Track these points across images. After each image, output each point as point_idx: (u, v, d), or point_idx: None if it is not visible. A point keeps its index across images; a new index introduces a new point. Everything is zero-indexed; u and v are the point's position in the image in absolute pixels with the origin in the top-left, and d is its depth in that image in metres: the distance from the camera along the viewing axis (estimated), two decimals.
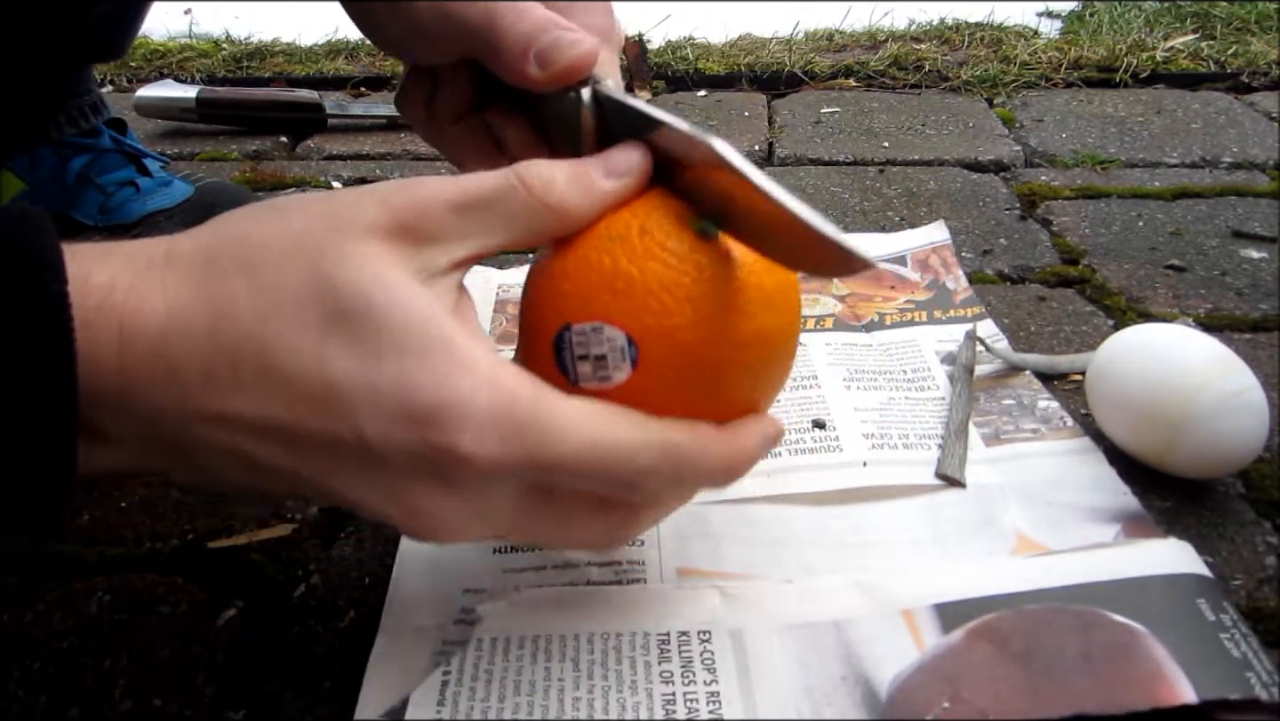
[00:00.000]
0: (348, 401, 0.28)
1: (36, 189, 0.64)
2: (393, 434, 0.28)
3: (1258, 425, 0.44)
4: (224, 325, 0.29)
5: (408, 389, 0.28)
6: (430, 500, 0.30)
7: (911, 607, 0.38)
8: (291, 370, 0.29)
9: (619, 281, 0.31)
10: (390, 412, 0.28)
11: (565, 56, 0.36)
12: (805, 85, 1.13)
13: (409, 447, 0.28)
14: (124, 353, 0.28)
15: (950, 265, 0.67)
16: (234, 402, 0.29)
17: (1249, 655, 0.35)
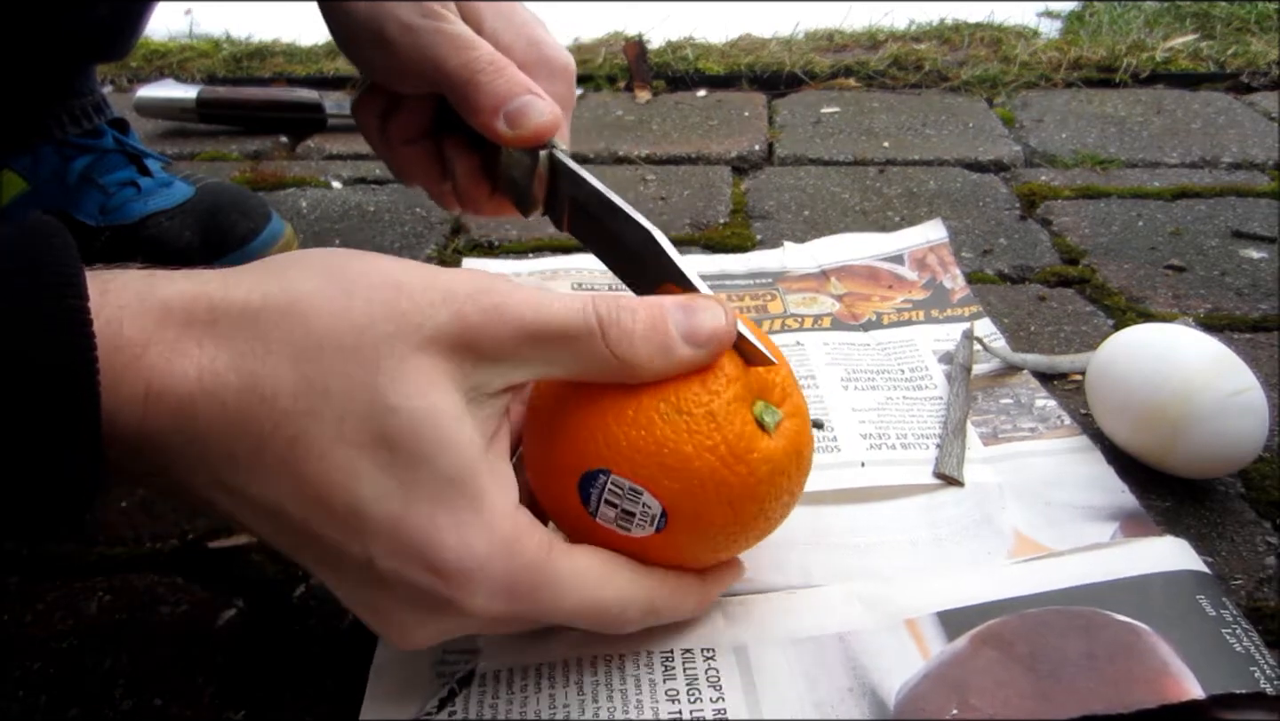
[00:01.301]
0: (370, 529, 0.29)
1: (38, 188, 0.64)
2: (404, 572, 0.29)
3: (1258, 425, 0.44)
4: (258, 409, 0.28)
5: (432, 540, 0.29)
6: (413, 624, 0.31)
7: (915, 616, 0.38)
8: (318, 477, 0.28)
9: (673, 459, 0.32)
10: (408, 555, 0.29)
11: (533, 123, 0.41)
12: (805, 85, 1.13)
13: (416, 586, 0.29)
14: (147, 414, 0.27)
15: (948, 264, 0.67)
16: (250, 484, 0.29)
17: (1252, 650, 0.35)
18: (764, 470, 0.33)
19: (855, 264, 0.68)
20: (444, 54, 0.42)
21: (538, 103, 0.41)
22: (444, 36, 0.42)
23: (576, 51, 1.23)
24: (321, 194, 0.86)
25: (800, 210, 0.80)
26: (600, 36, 1.27)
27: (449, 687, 0.35)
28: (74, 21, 0.58)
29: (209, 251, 0.63)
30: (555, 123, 0.41)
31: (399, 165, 0.50)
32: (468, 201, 0.48)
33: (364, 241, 0.76)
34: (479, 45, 0.42)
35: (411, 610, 0.30)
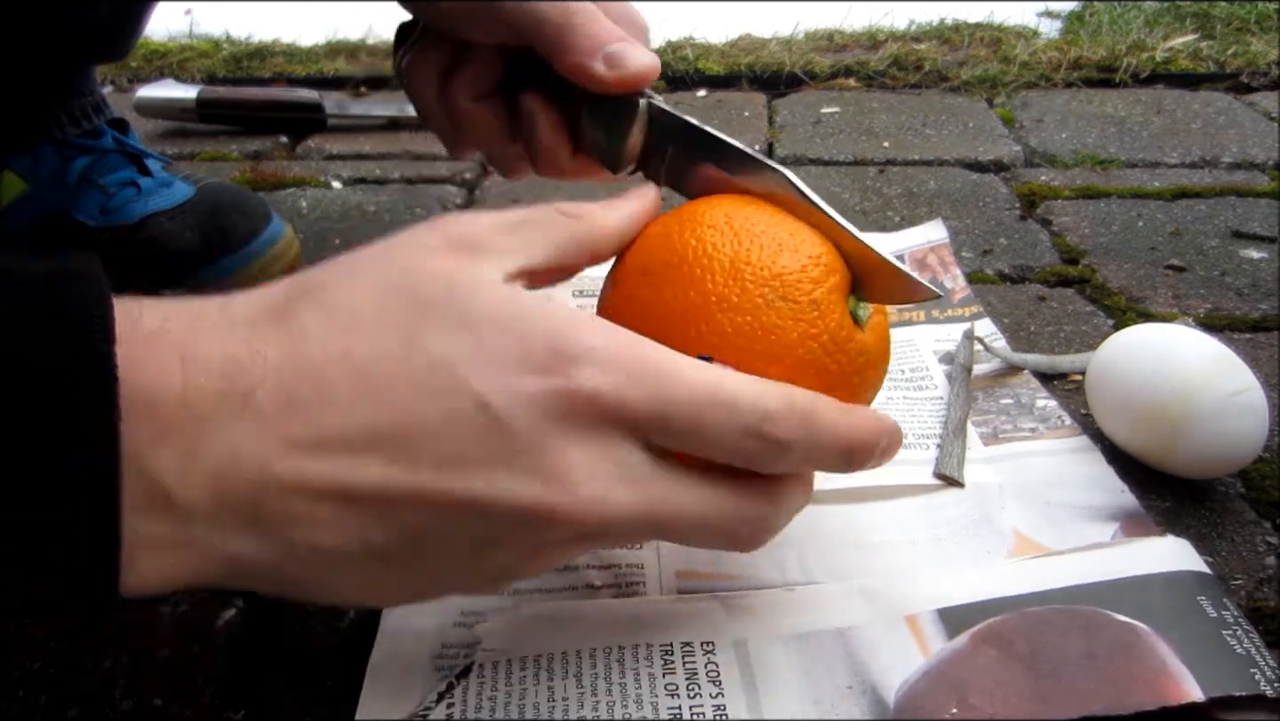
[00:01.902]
0: (461, 372, 0.27)
1: (38, 189, 0.64)
2: (515, 387, 0.27)
3: (1258, 425, 0.44)
4: (299, 347, 0.26)
5: (520, 343, 0.28)
6: (561, 456, 0.27)
7: (915, 613, 0.38)
8: (389, 366, 0.27)
9: (778, 346, 0.32)
10: (509, 367, 0.27)
11: (634, 64, 0.39)
12: (805, 85, 1.13)
13: (533, 399, 0.27)
14: (189, 382, 0.25)
15: (948, 264, 0.67)
16: (326, 423, 0.26)
17: (1252, 651, 0.35)
18: (860, 361, 0.34)
19: None
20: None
21: (634, 48, 0.40)
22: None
23: None
24: (321, 194, 0.86)
25: None
26: None
27: (447, 681, 0.36)
28: (74, 21, 0.58)
29: (209, 251, 0.64)
30: (656, 67, 0.40)
31: (461, 128, 0.47)
32: (547, 162, 0.45)
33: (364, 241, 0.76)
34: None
35: (551, 436, 0.27)
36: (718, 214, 0.34)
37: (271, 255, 0.66)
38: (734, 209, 0.35)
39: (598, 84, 0.39)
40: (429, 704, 0.35)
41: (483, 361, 0.27)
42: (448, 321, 0.28)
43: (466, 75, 0.46)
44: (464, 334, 0.27)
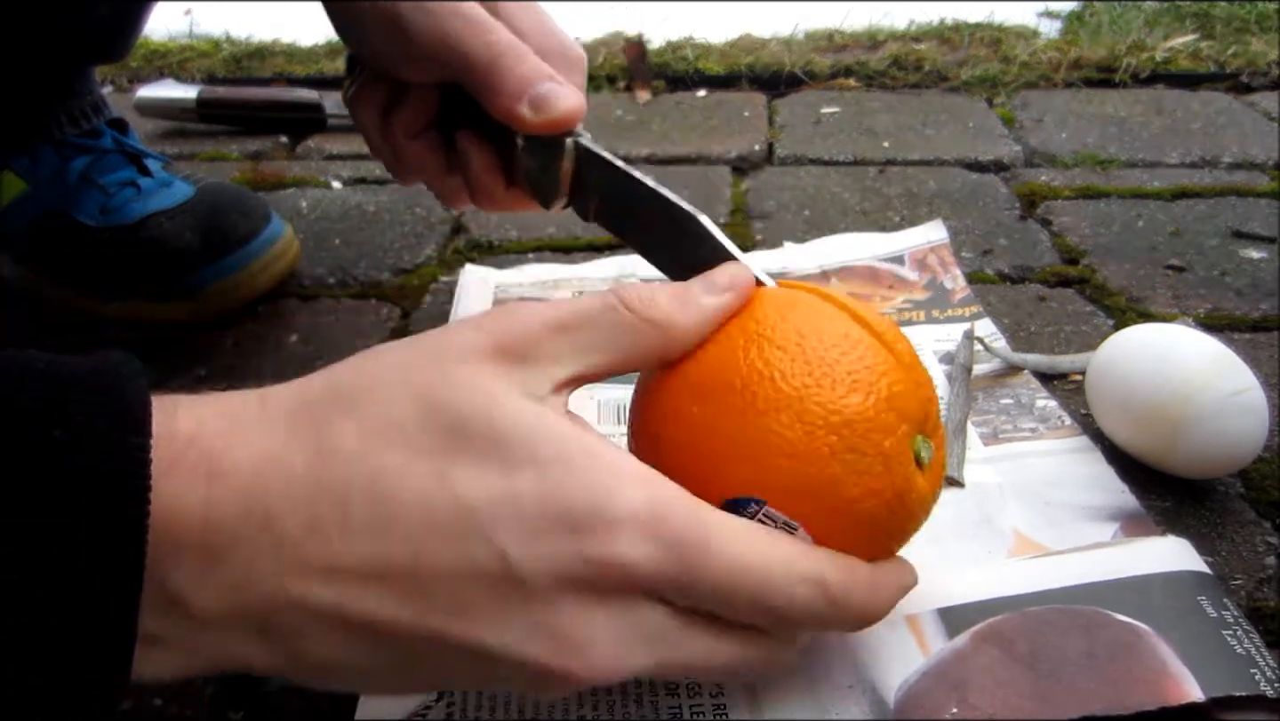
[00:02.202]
0: (486, 520, 0.26)
1: (37, 189, 0.64)
2: (539, 547, 0.26)
3: (1258, 425, 0.44)
4: (329, 464, 0.26)
5: (555, 495, 0.26)
6: (578, 621, 0.26)
7: (915, 613, 0.38)
8: (413, 500, 0.26)
9: (838, 501, 0.30)
10: (537, 524, 0.26)
11: (558, 107, 0.40)
12: (805, 85, 1.13)
13: (558, 561, 0.26)
14: (211, 499, 0.25)
15: (948, 264, 0.67)
16: (343, 551, 0.25)
17: (1252, 651, 0.35)
18: (918, 510, 0.32)
19: (856, 264, 0.68)
20: (464, 37, 0.40)
21: (561, 88, 0.40)
22: (463, 19, 0.41)
23: None
24: (321, 194, 0.86)
25: (800, 210, 0.80)
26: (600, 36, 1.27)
27: None
28: (73, 22, 0.58)
29: (209, 251, 0.64)
30: (580, 109, 0.40)
31: (401, 161, 0.48)
32: (482, 196, 0.46)
33: (364, 241, 0.76)
34: (499, 29, 0.41)
35: (569, 601, 0.26)
36: (789, 330, 0.31)
37: (271, 255, 0.66)
38: (806, 324, 0.31)
39: (523, 126, 0.40)
40: (429, 703, 0.35)
41: (510, 512, 0.26)
42: (482, 458, 0.26)
43: (404, 113, 0.46)
44: (496, 476, 0.26)
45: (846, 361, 0.30)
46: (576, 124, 0.40)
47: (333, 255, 0.74)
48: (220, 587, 0.25)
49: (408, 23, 0.41)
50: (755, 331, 0.31)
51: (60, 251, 0.64)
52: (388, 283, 0.70)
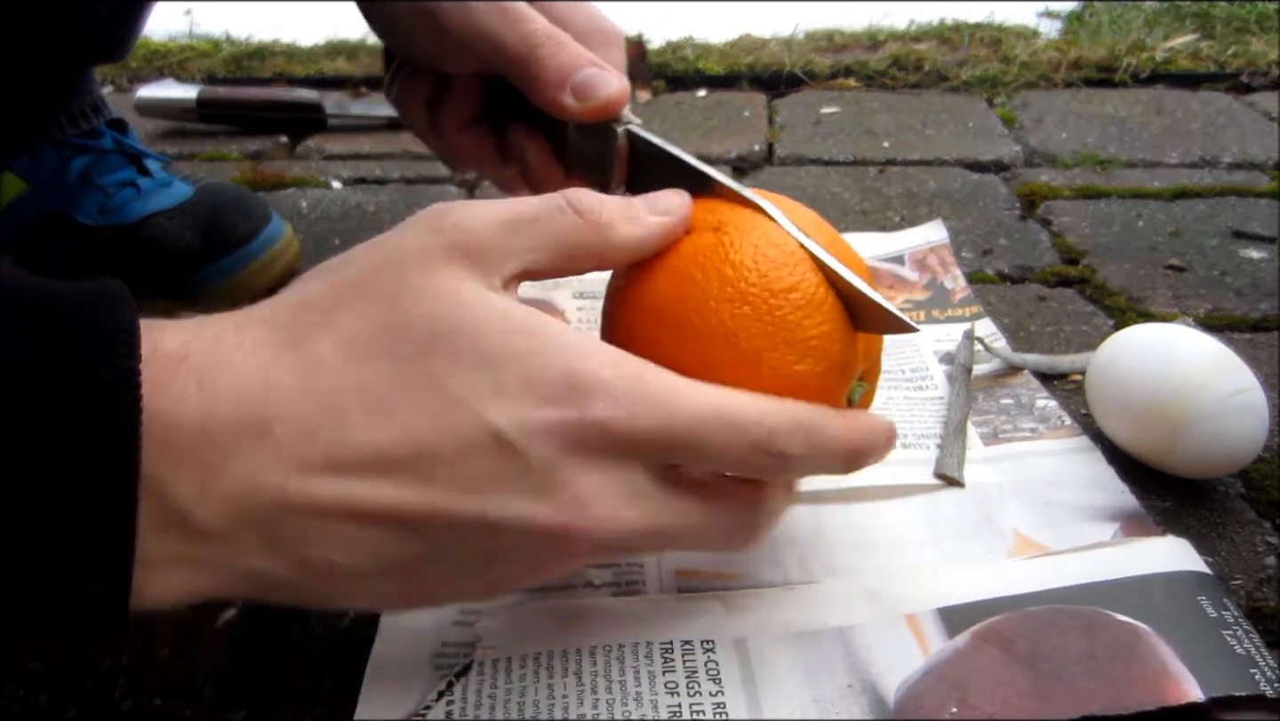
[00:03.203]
0: (476, 406, 0.27)
1: (37, 189, 0.64)
2: (527, 419, 0.27)
3: (1258, 425, 0.44)
4: (315, 375, 0.27)
5: (532, 376, 0.28)
6: (574, 479, 0.28)
7: (915, 612, 0.38)
8: (404, 399, 0.27)
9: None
10: (520, 402, 0.27)
11: (601, 93, 0.39)
12: (805, 85, 1.13)
13: (547, 427, 0.27)
14: (207, 411, 0.25)
15: (948, 265, 0.67)
16: (342, 448, 0.26)
17: (1252, 652, 0.35)
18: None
19: None
20: (500, 28, 0.40)
21: (603, 74, 0.39)
22: (498, 10, 0.40)
23: None
24: (321, 194, 0.86)
25: None
26: None
27: (447, 680, 0.35)
28: (73, 22, 0.58)
29: (209, 251, 0.64)
30: (625, 94, 0.39)
31: (454, 153, 0.47)
32: (542, 187, 0.45)
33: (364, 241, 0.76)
34: (535, 18, 0.40)
35: (563, 464, 0.28)
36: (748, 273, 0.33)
37: (271, 255, 0.66)
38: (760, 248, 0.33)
39: (569, 115, 0.39)
40: (429, 702, 0.35)
41: (497, 395, 0.27)
42: (461, 356, 0.28)
43: (451, 106, 0.45)
44: (479, 370, 0.28)
45: (804, 325, 0.32)
46: (622, 108, 0.40)
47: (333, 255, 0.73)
48: (222, 498, 0.25)
49: (444, 19, 0.41)
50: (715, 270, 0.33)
51: (60, 251, 0.64)
52: None
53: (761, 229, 0.34)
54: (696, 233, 0.34)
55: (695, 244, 0.34)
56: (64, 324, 0.25)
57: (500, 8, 0.40)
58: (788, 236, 0.34)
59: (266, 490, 0.26)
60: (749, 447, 0.30)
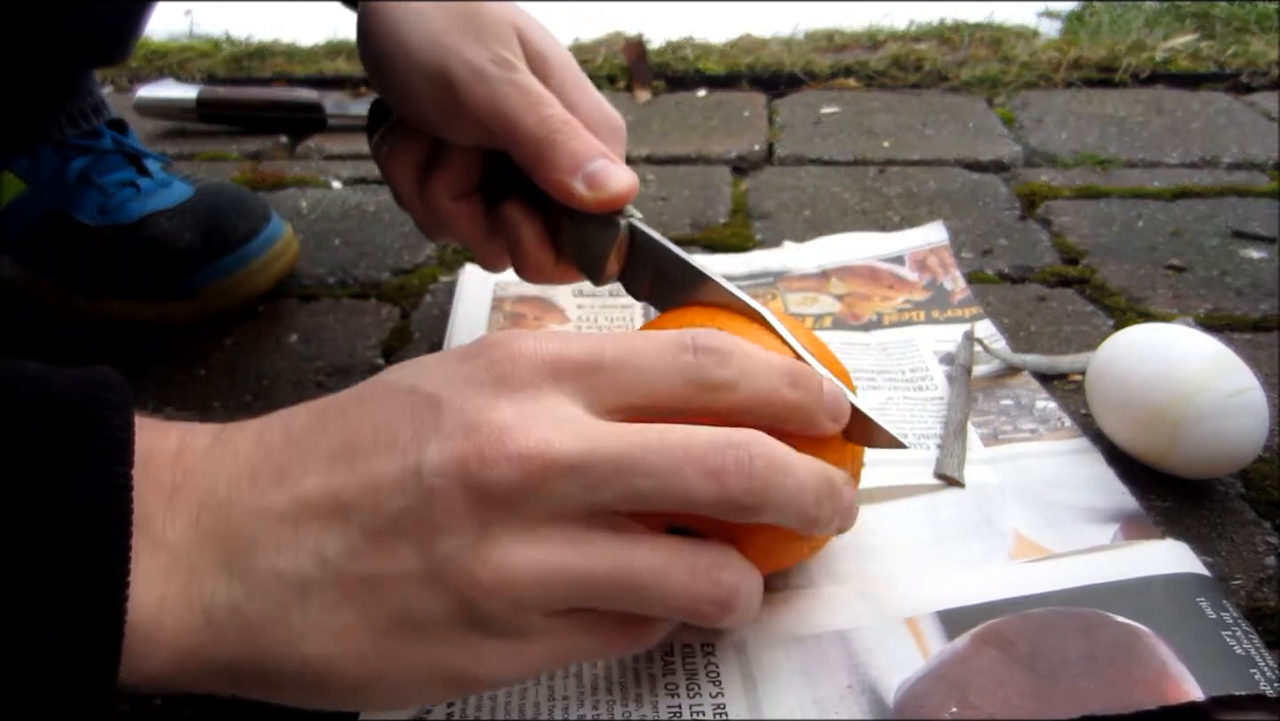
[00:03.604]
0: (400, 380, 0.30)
1: (37, 189, 0.64)
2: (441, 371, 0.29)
3: (1258, 425, 0.44)
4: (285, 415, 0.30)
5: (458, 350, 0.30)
6: (490, 410, 0.28)
7: (915, 615, 0.38)
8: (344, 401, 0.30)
9: None
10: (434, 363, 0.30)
11: (613, 186, 0.39)
12: (805, 85, 1.13)
13: (458, 371, 0.29)
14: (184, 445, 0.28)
15: (948, 266, 0.67)
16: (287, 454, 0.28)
17: (1252, 652, 0.35)
18: None
19: (856, 264, 0.68)
20: (518, 106, 0.39)
21: (614, 166, 0.39)
22: (517, 89, 0.40)
23: (576, 51, 1.23)
24: (321, 194, 0.86)
25: (800, 210, 0.80)
26: (600, 36, 1.27)
27: None
28: (73, 23, 0.58)
29: (209, 251, 0.64)
30: (634, 187, 0.40)
31: (437, 221, 0.46)
32: (531, 270, 0.45)
33: (364, 241, 0.76)
34: (554, 103, 0.40)
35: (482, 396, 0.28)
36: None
37: (271, 255, 0.66)
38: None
39: (578, 203, 0.39)
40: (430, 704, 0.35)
41: (418, 368, 0.30)
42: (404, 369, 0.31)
43: (446, 173, 0.45)
44: (414, 366, 0.30)
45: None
46: (629, 201, 0.40)
47: (333, 255, 0.74)
48: (187, 511, 0.27)
49: (460, 88, 0.40)
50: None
51: (60, 251, 0.64)
52: (387, 282, 0.70)
53: (758, 338, 0.34)
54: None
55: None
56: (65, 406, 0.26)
57: (520, 86, 0.40)
58: (784, 346, 0.35)
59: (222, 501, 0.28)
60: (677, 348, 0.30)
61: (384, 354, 0.61)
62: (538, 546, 0.27)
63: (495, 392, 0.28)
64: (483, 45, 0.40)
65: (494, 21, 0.41)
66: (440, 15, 0.41)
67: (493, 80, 0.39)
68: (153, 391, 0.58)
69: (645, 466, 0.28)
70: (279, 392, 0.57)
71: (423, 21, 0.41)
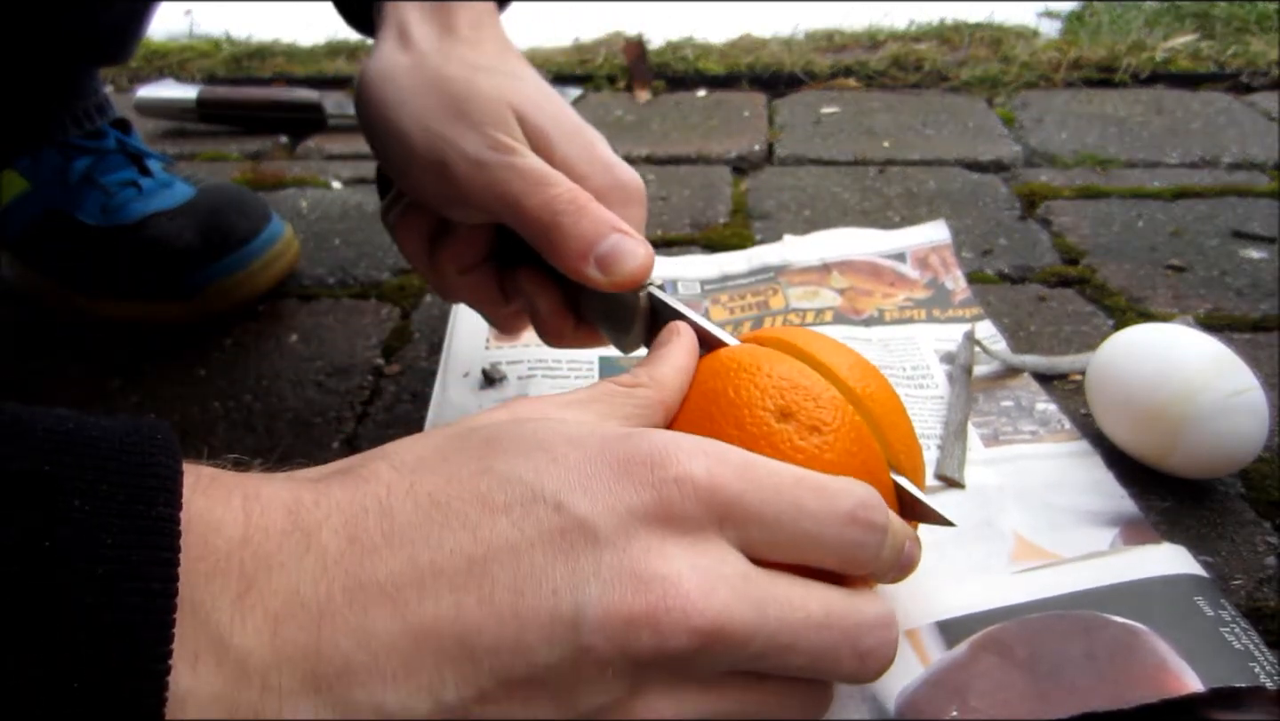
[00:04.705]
0: (537, 485, 0.25)
1: (39, 188, 0.64)
2: (600, 489, 0.25)
3: (1258, 425, 0.44)
4: (366, 487, 0.25)
5: (608, 452, 0.26)
6: (656, 556, 0.25)
7: (914, 627, 0.38)
8: (458, 491, 0.25)
9: None
10: (593, 473, 0.26)
11: (627, 267, 0.37)
12: (805, 85, 1.13)
13: (621, 496, 0.25)
14: (251, 520, 0.24)
15: (949, 265, 0.67)
16: (391, 556, 0.24)
17: (1251, 647, 0.35)
18: None
19: (857, 259, 0.68)
20: (519, 192, 0.37)
21: (628, 242, 0.37)
22: (517, 173, 0.37)
23: (576, 51, 1.23)
24: (321, 194, 0.86)
25: (800, 210, 0.80)
26: (600, 36, 1.27)
27: None
28: (75, 23, 0.58)
29: (209, 251, 0.64)
30: (650, 263, 0.37)
31: (453, 293, 0.45)
32: (551, 336, 0.43)
33: (364, 241, 0.76)
34: (558, 182, 0.38)
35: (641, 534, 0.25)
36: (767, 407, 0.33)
37: (271, 255, 0.66)
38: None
39: (593, 285, 0.37)
40: None
41: (563, 473, 0.26)
42: (518, 446, 0.27)
43: (456, 246, 0.43)
44: (537, 453, 0.26)
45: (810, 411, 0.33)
46: (647, 278, 0.38)
47: (333, 255, 0.74)
48: (264, 618, 0.23)
49: (457, 173, 0.38)
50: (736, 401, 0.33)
51: (60, 251, 0.64)
52: (388, 282, 0.70)
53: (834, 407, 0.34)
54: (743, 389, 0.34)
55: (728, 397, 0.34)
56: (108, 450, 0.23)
57: (518, 169, 0.38)
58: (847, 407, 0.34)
59: (310, 607, 0.23)
60: (845, 516, 0.27)
61: (384, 354, 0.61)
62: (684, 701, 0.26)
63: (664, 534, 0.25)
64: (478, 132, 0.38)
65: (487, 102, 0.39)
66: (431, 98, 0.39)
67: (491, 165, 0.38)
68: (153, 391, 0.58)
69: (806, 644, 0.27)
70: (279, 392, 0.57)
71: (414, 103, 0.39)
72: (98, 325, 0.64)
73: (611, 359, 0.57)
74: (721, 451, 0.27)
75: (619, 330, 0.40)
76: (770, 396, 0.32)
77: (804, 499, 0.27)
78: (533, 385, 0.54)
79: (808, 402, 0.32)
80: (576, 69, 1.18)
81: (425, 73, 0.40)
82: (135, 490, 0.22)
